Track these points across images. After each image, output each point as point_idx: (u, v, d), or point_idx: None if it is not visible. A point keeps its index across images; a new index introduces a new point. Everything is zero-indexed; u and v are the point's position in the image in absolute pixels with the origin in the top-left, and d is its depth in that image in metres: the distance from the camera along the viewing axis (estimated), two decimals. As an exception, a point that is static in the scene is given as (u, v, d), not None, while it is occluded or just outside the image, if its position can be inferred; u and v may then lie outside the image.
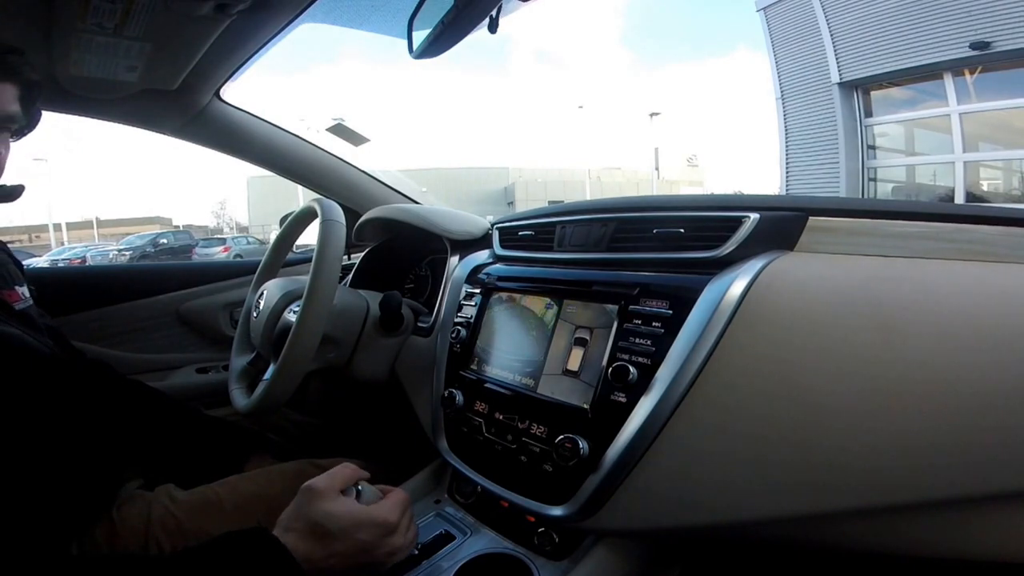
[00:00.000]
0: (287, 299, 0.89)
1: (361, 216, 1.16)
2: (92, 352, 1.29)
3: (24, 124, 0.69)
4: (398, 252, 1.20)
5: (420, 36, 0.74)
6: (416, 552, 0.64)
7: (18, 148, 0.71)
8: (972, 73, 7.41)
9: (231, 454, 0.88)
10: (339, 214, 0.83)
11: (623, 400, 0.58)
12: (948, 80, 7.59)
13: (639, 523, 0.58)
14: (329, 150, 1.40)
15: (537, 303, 0.72)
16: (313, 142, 1.39)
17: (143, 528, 0.67)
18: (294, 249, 1.13)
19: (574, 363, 0.65)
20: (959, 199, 7.47)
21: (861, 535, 0.50)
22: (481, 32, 0.69)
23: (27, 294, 0.75)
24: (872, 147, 8.78)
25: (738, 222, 0.60)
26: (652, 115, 20.68)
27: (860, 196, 8.39)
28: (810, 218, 0.59)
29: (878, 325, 0.49)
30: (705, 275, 0.58)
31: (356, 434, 1.14)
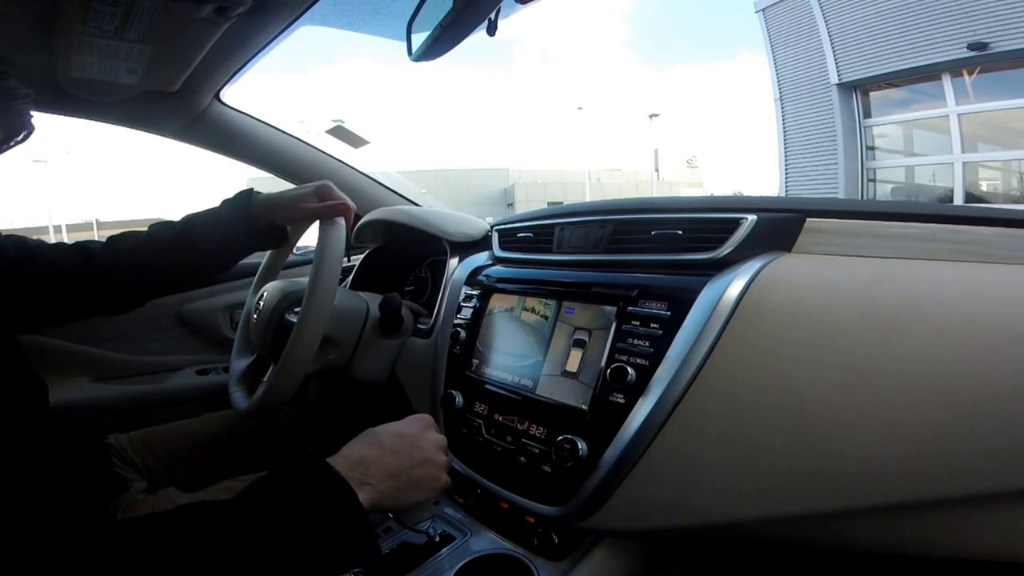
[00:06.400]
0: (287, 301, 0.89)
1: (361, 218, 1.16)
2: (93, 354, 1.30)
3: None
4: (398, 254, 1.20)
5: (419, 39, 0.74)
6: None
7: (17, 150, 0.68)
8: (970, 74, 7.42)
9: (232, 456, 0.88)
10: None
11: (621, 401, 0.58)
12: (947, 81, 7.60)
13: (638, 523, 0.58)
14: (329, 152, 1.41)
15: (536, 304, 0.73)
16: (313, 144, 1.39)
17: None
18: (294, 251, 1.13)
19: (573, 364, 0.65)
20: (958, 200, 7.48)
21: (859, 535, 0.50)
22: (481, 34, 0.70)
23: None
24: (871, 148, 8.79)
25: (736, 223, 0.60)
26: (652, 116, 20.68)
27: (859, 197, 8.39)
28: (808, 219, 0.59)
29: (875, 326, 0.49)
30: (703, 276, 0.58)
31: (356, 436, 1.14)
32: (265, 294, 0.92)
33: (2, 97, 0.60)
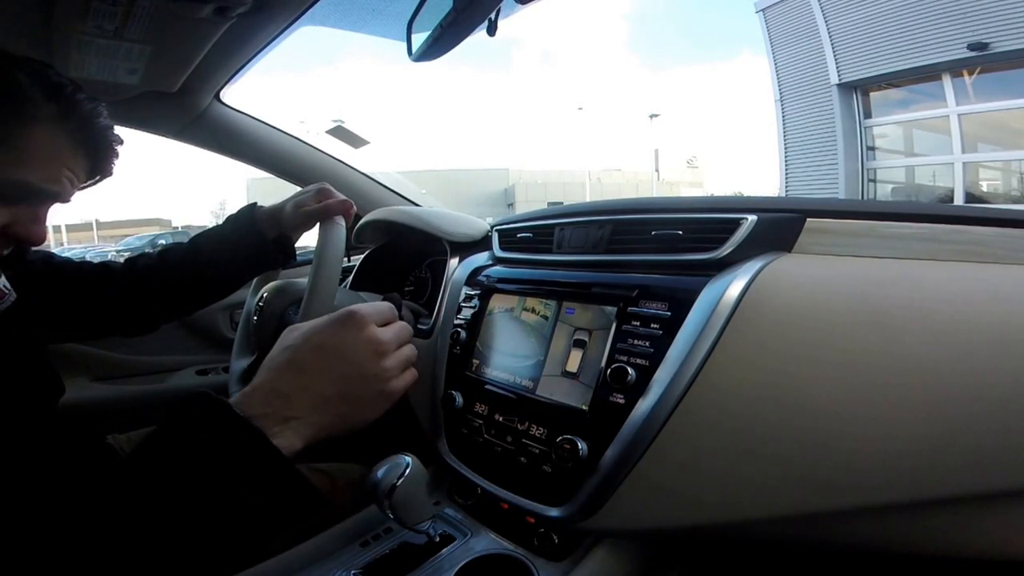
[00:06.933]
0: (287, 301, 0.89)
1: (361, 218, 1.16)
2: (93, 354, 1.30)
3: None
4: (398, 254, 1.20)
5: (419, 39, 0.74)
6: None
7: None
8: (970, 74, 7.42)
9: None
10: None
11: (622, 401, 0.58)
12: (947, 81, 7.61)
13: (638, 523, 0.58)
14: (329, 152, 1.41)
15: (536, 305, 0.72)
16: (312, 144, 1.39)
17: None
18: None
19: (573, 364, 0.65)
20: (958, 200, 7.49)
21: (860, 534, 0.50)
22: (481, 34, 0.69)
23: (8, 286, 0.59)
24: (871, 148, 8.80)
25: (736, 224, 0.60)
26: (652, 116, 20.70)
27: (859, 197, 8.40)
28: (808, 219, 0.59)
29: (875, 326, 0.49)
30: (703, 277, 0.58)
31: (356, 436, 1.14)
32: (265, 294, 0.92)
33: (105, 149, 0.61)
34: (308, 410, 0.42)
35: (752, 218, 0.59)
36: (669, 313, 0.58)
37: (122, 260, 0.84)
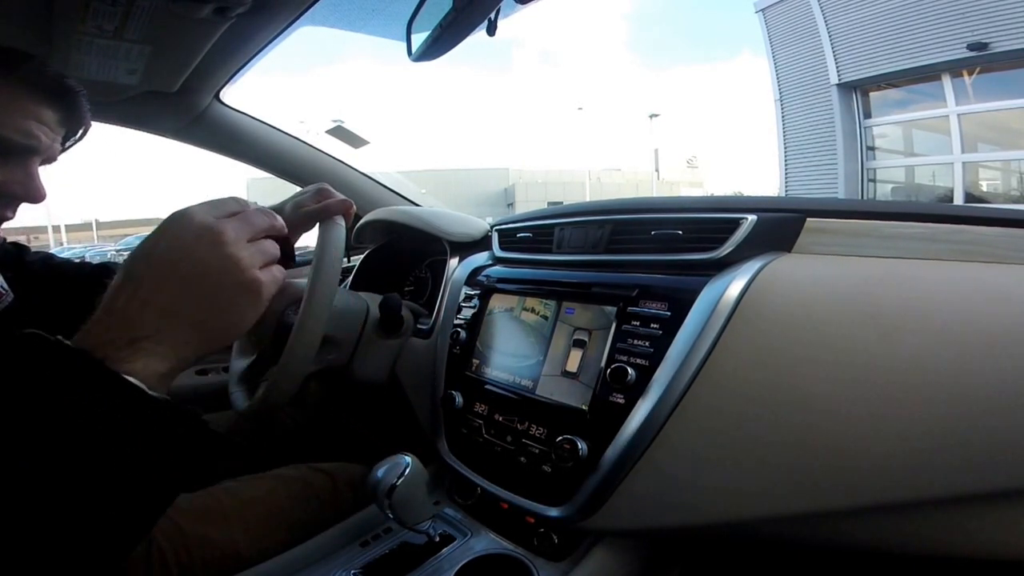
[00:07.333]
0: (287, 301, 0.89)
1: (361, 218, 1.16)
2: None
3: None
4: (398, 254, 1.20)
5: (419, 39, 0.74)
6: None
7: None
8: (970, 74, 7.43)
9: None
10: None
11: (621, 401, 0.58)
12: (946, 81, 7.61)
13: (638, 523, 0.58)
14: (329, 152, 1.41)
15: (536, 305, 0.72)
16: (312, 144, 1.39)
17: None
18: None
19: (573, 364, 0.65)
20: (958, 200, 7.49)
21: (860, 533, 0.50)
22: (481, 34, 0.70)
23: (5, 286, 0.59)
24: (871, 148, 8.80)
25: (736, 223, 0.60)
26: (652, 116, 20.72)
27: (859, 197, 8.40)
28: (808, 219, 0.59)
29: (875, 326, 0.49)
30: (703, 276, 0.58)
31: (356, 436, 1.14)
32: (265, 294, 0.91)
33: (66, 94, 0.60)
34: (156, 327, 0.37)
35: (752, 218, 0.59)
36: (669, 313, 0.58)
37: (122, 260, 0.84)
